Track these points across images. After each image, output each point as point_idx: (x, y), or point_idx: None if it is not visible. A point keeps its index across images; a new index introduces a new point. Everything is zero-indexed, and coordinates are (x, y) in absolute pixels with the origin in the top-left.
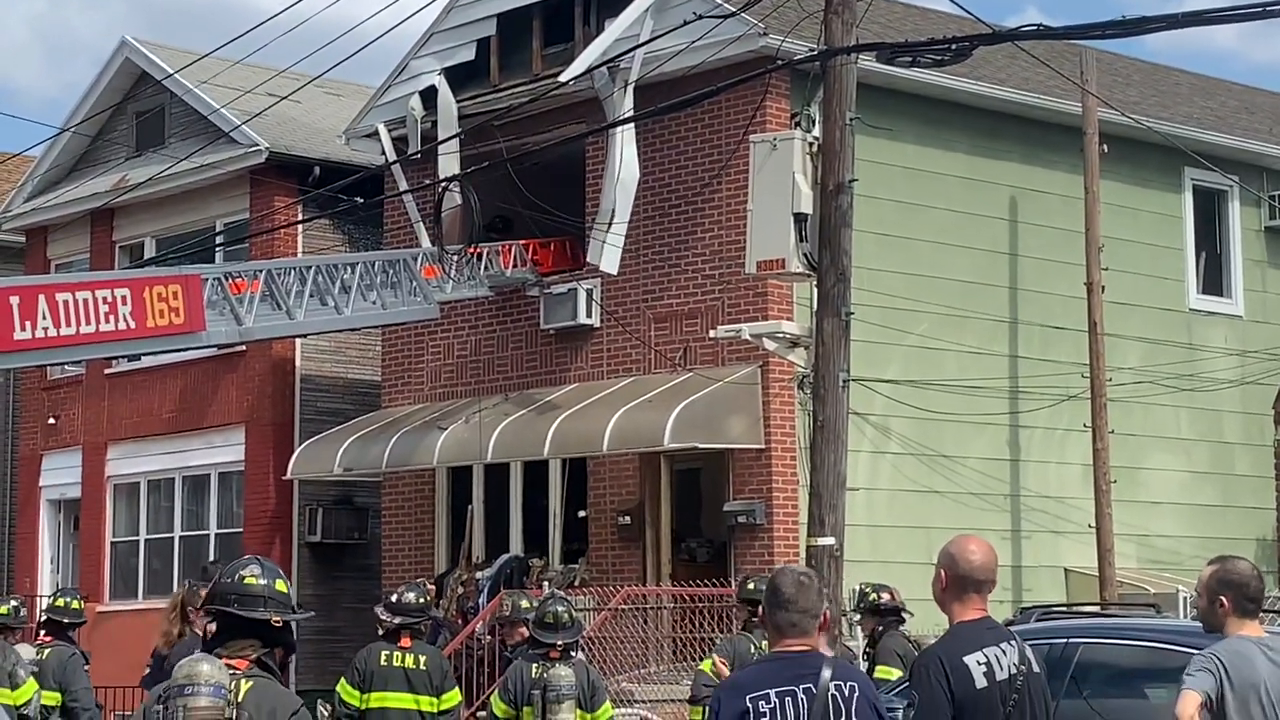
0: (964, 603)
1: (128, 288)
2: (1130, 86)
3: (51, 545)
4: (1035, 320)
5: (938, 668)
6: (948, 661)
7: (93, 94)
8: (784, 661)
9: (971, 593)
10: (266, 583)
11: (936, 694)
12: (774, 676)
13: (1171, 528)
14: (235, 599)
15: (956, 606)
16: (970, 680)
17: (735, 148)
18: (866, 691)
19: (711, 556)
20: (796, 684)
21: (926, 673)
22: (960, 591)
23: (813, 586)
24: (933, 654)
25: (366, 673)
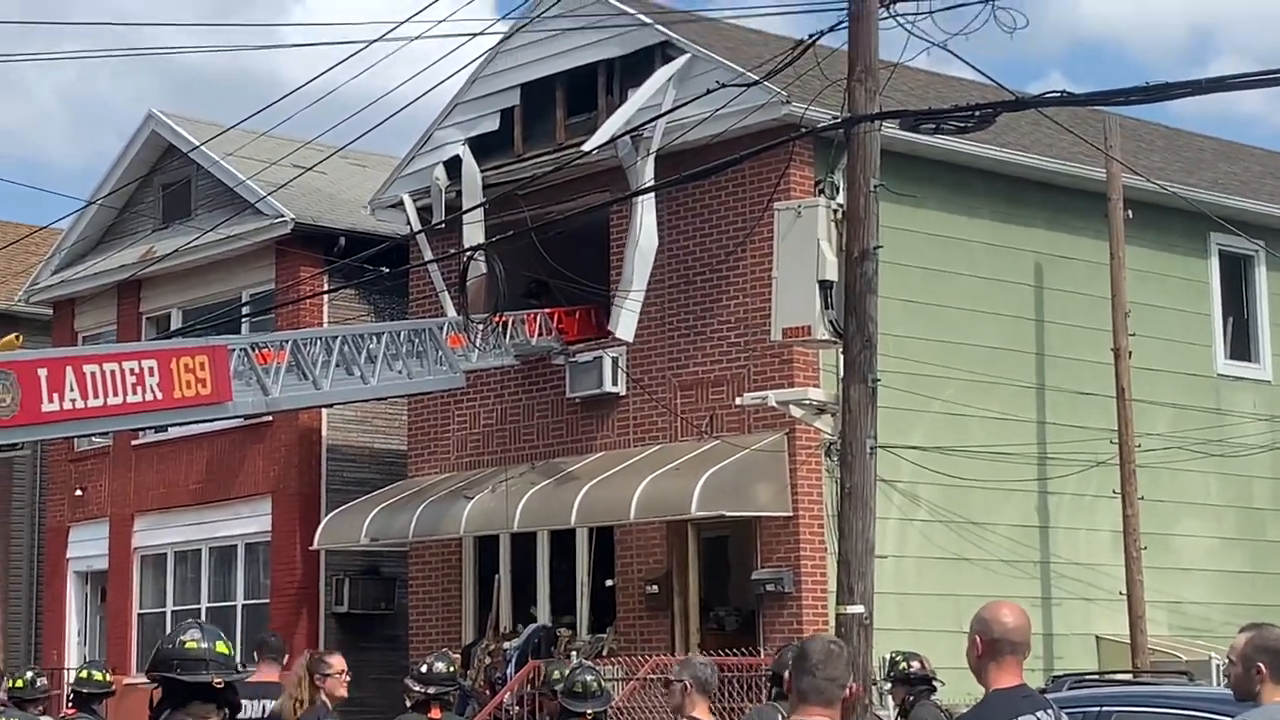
0: (1000, 668)
1: (155, 359)
2: (1154, 152)
3: (79, 617)
4: (1063, 386)
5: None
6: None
7: (119, 166)
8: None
9: (1007, 657)
10: (207, 646)
11: None
12: None
13: (1203, 594)
14: (178, 664)
15: (992, 673)
16: None
17: (759, 215)
18: None
19: (740, 625)
20: None
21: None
22: (995, 657)
23: (842, 656)
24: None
25: None
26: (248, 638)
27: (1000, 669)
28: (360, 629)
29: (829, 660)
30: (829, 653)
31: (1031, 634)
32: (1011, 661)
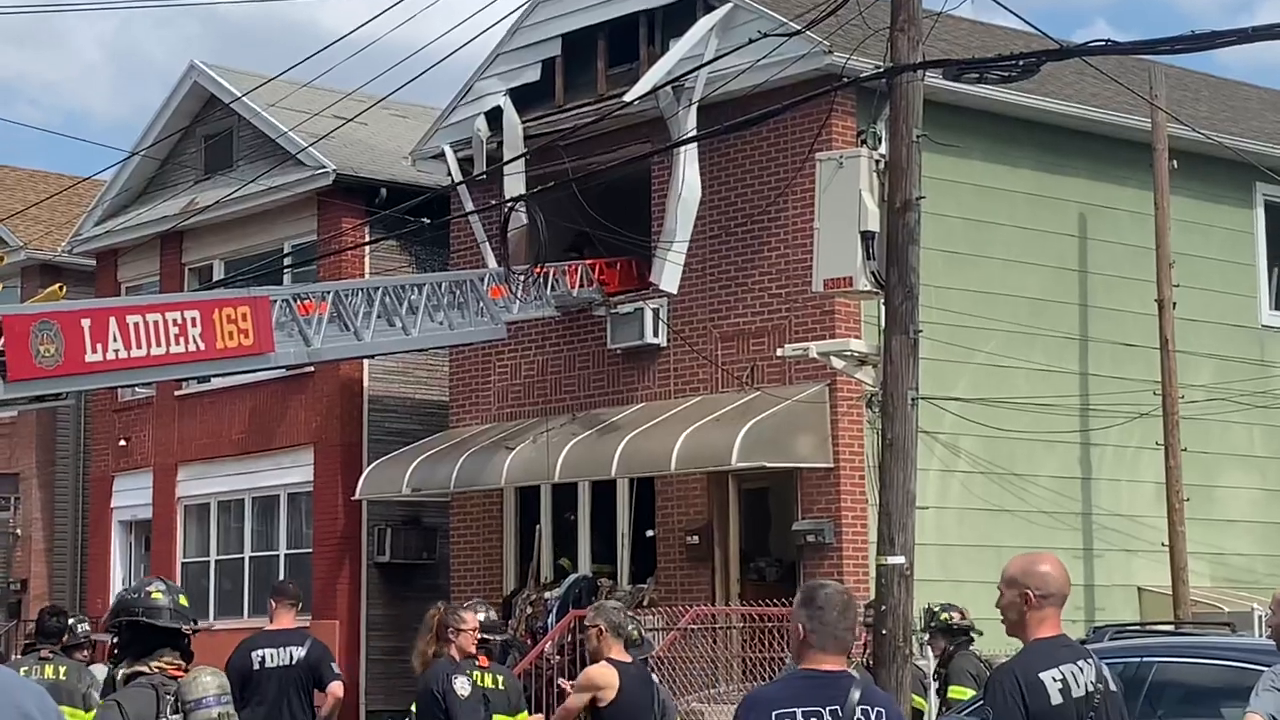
0: (1042, 620)
1: (197, 309)
2: (1199, 101)
3: (123, 566)
4: (1105, 337)
5: (1012, 684)
6: (1023, 677)
7: (161, 118)
8: (813, 680)
9: (1048, 609)
10: (171, 598)
11: (1011, 710)
12: (802, 695)
13: (1246, 546)
14: (143, 612)
15: (1033, 624)
16: (1045, 696)
17: (801, 166)
18: (893, 717)
19: (780, 576)
20: (824, 705)
21: (1001, 689)
22: (1040, 611)
23: (853, 607)
24: (1007, 670)
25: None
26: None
27: (1042, 620)
28: (401, 579)
29: (845, 612)
30: (845, 604)
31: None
32: (1052, 612)
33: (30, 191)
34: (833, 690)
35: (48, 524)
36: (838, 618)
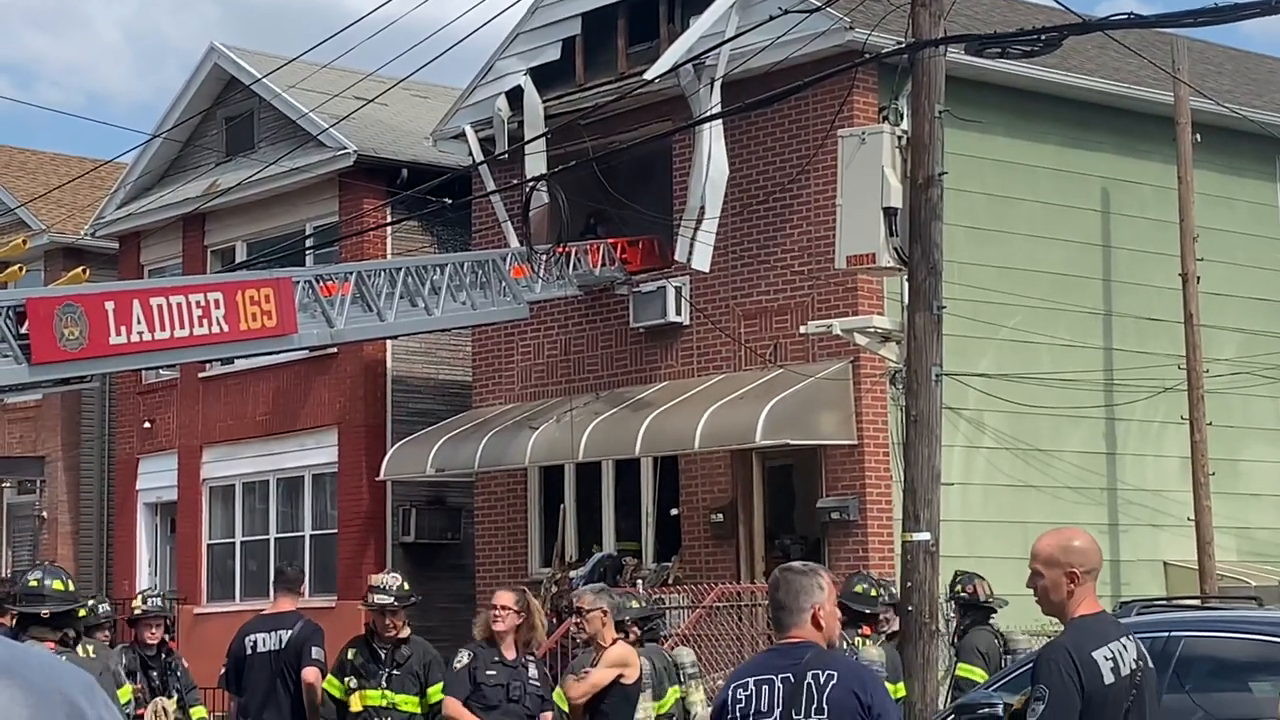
0: (1084, 596)
1: (220, 291)
2: (1223, 75)
3: (149, 548)
4: (1130, 312)
5: (1068, 662)
6: (1077, 656)
7: (182, 100)
8: (775, 652)
9: (1090, 585)
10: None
11: (1068, 688)
12: (761, 665)
13: (1272, 519)
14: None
15: (1077, 601)
16: (1099, 675)
17: (823, 142)
18: (847, 679)
19: (805, 553)
20: (777, 672)
21: (1057, 666)
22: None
23: (794, 582)
24: (1061, 648)
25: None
26: (316, 567)
27: (1084, 597)
28: (426, 559)
29: (779, 588)
30: (780, 580)
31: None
32: (1092, 588)
33: (52, 175)
34: (789, 659)
35: (73, 506)
36: (777, 597)
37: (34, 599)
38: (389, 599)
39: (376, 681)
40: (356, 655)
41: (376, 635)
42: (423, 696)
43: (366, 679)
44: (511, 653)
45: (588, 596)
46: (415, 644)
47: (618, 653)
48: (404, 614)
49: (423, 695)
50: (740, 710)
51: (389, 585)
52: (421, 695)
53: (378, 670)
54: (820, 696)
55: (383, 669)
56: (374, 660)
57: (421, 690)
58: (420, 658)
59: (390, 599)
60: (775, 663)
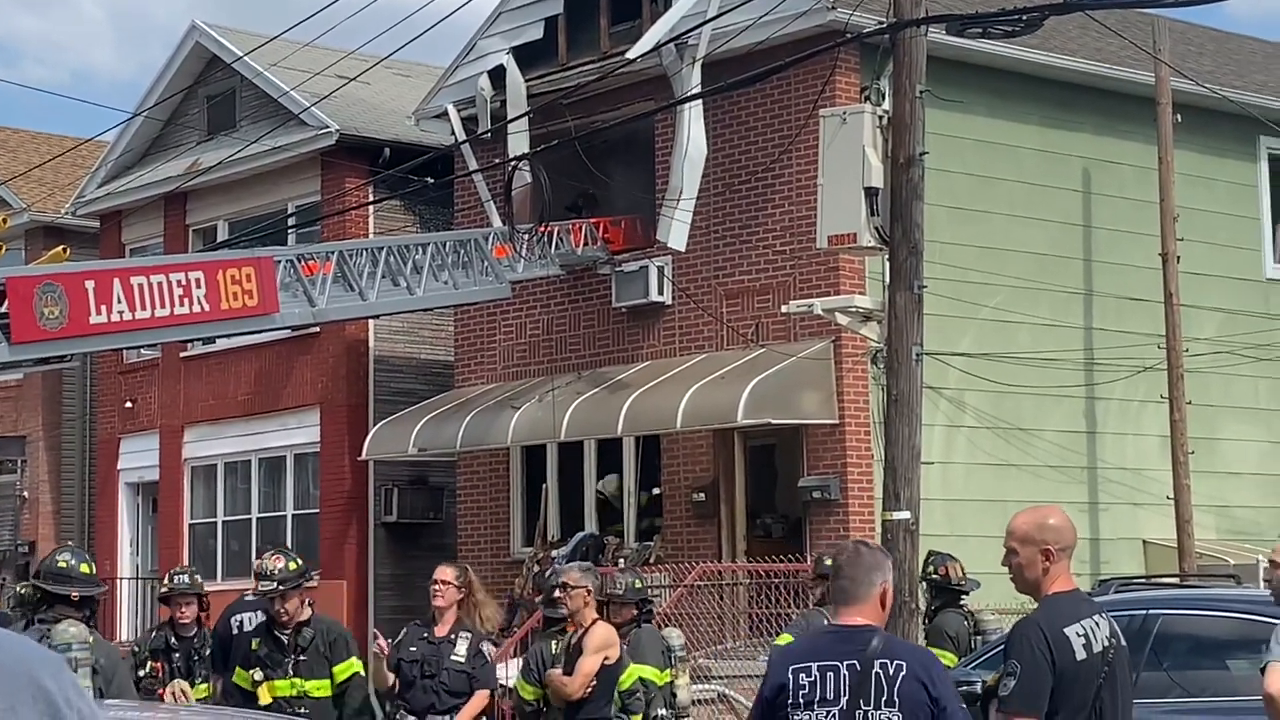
0: (1058, 574)
1: (202, 270)
2: (1203, 56)
3: (131, 528)
4: (1110, 291)
5: (1039, 638)
6: (1049, 632)
7: (164, 78)
8: (835, 635)
9: (1065, 563)
10: (74, 564)
11: (1039, 664)
12: (822, 649)
13: (1251, 498)
14: (48, 577)
15: (1051, 578)
16: (1071, 652)
17: (805, 122)
18: (916, 670)
19: (787, 532)
20: (841, 659)
21: (1028, 643)
22: (1057, 564)
23: (865, 557)
24: (1033, 624)
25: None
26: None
27: (1058, 574)
28: (409, 538)
29: (850, 561)
30: (853, 553)
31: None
32: (1066, 566)
33: (33, 153)
34: (853, 644)
35: (55, 486)
36: (845, 570)
37: (63, 580)
38: (272, 585)
39: (283, 670)
40: (260, 645)
41: (275, 623)
42: (333, 677)
43: (273, 669)
44: (444, 629)
45: (574, 573)
46: (317, 623)
47: (602, 635)
48: (299, 595)
49: (332, 676)
50: (804, 696)
51: (271, 570)
52: (332, 676)
53: (283, 659)
54: (891, 689)
55: (287, 657)
56: (278, 649)
57: (330, 671)
58: (324, 636)
59: (274, 584)
60: (839, 648)
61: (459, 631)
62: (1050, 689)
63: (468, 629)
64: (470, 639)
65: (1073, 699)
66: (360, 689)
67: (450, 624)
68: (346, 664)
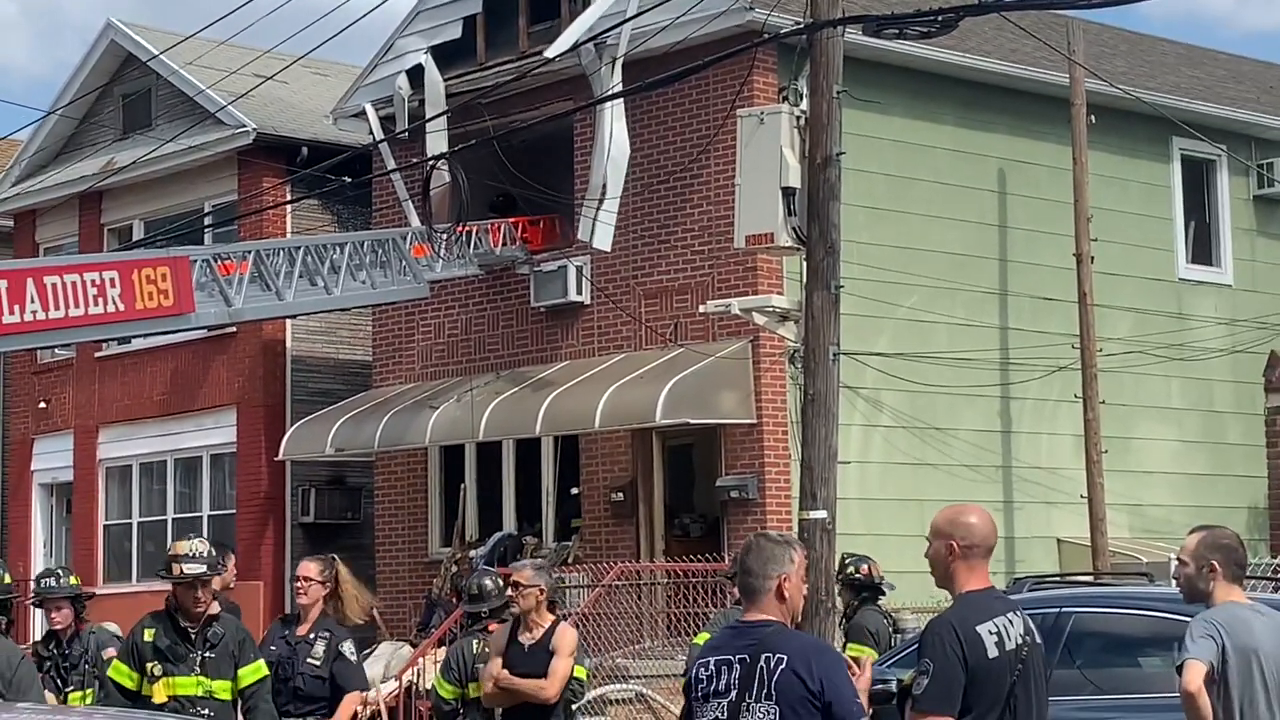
0: (971, 571)
1: (116, 270)
2: (1117, 57)
3: (45, 529)
4: (1025, 291)
5: (951, 636)
6: (961, 630)
7: (79, 76)
8: (734, 630)
9: (979, 560)
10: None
11: (951, 662)
12: (722, 644)
13: (1163, 497)
14: None
15: (963, 575)
16: (983, 650)
17: (723, 122)
18: (795, 663)
19: (705, 532)
20: (735, 653)
21: (940, 641)
22: (967, 560)
23: (764, 550)
24: (945, 622)
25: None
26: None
27: (971, 572)
28: (326, 539)
29: (749, 554)
30: (752, 546)
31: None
32: (982, 564)
33: None
34: (746, 639)
35: None
36: (745, 565)
37: None
38: (201, 567)
39: (189, 667)
40: (158, 637)
41: (183, 612)
42: (236, 680)
43: (176, 664)
44: (305, 628)
45: (527, 572)
46: (226, 621)
47: (573, 637)
48: (211, 587)
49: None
50: (702, 690)
51: (200, 552)
52: (234, 679)
53: (189, 653)
54: (770, 682)
55: (195, 651)
56: (183, 641)
57: (234, 673)
58: (234, 635)
59: (203, 567)
60: (734, 642)
61: (319, 631)
62: (963, 687)
63: (328, 628)
64: (329, 639)
65: (985, 696)
66: (267, 694)
67: (312, 622)
68: (254, 666)
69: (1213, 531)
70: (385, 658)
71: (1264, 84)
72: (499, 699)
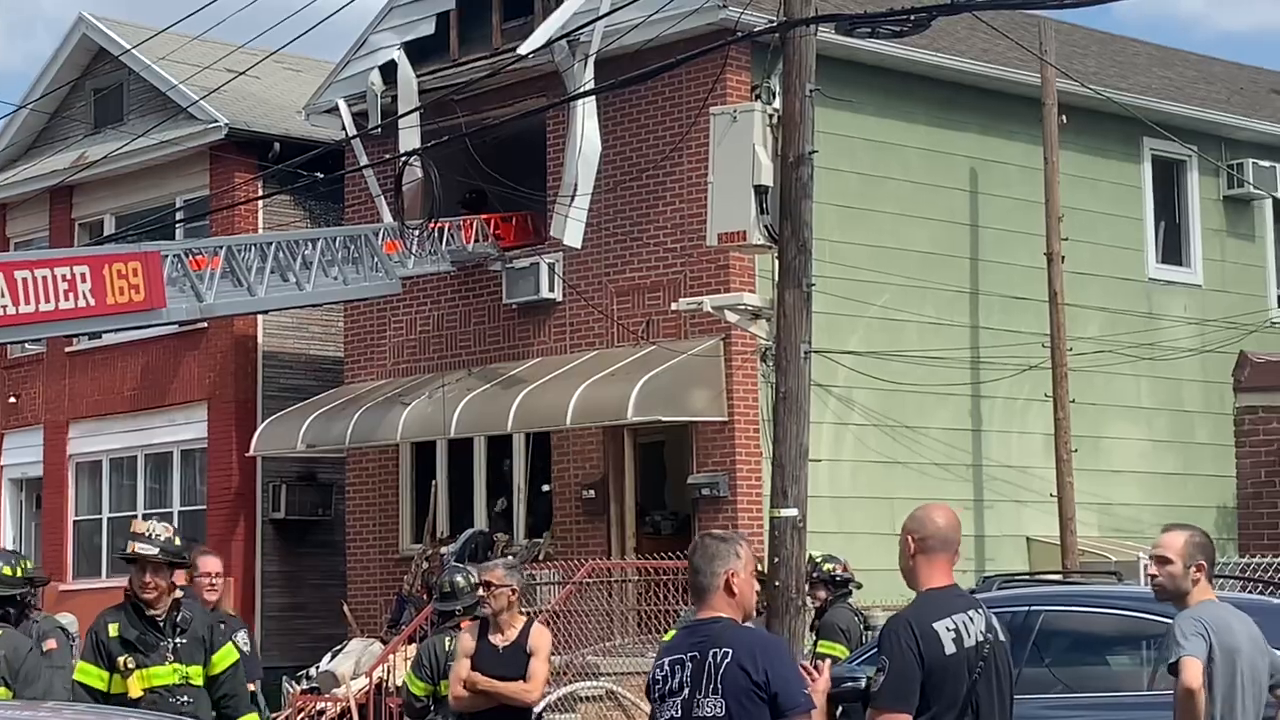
0: (932, 568)
1: (87, 265)
2: (1089, 57)
3: (14, 524)
4: (996, 291)
5: (908, 634)
6: (918, 627)
7: (50, 70)
8: (688, 629)
9: (939, 556)
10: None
11: (907, 660)
12: (677, 644)
13: (1133, 496)
14: None
15: (924, 572)
16: (940, 646)
17: (695, 120)
18: (740, 656)
19: (676, 529)
20: (687, 651)
21: (897, 638)
22: (927, 555)
23: (709, 548)
24: (902, 620)
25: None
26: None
27: (932, 568)
28: (297, 535)
29: (694, 553)
30: (698, 545)
31: (961, 535)
32: (943, 561)
33: None
34: (698, 636)
35: None
36: (693, 564)
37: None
38: (152, 550)
39: (161, 655)
40: (124, 629)
41: (144, 601)
42: (206, 666)
43: (148, 654)
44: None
45: (499, 571)
46: (191, 605)
47: (549, 637)
48: (167, 574)
49: (206, 664)
50: (659, 690)
51: (156, 534)
52: (206, 665)
53: (159, 641)
54: (716, 676)
55: (166, 639)
56: (153, 630)
57: (207, 659)
58: (203, 619)
59: (155, 550)
60: (687, 641)
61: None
62: (920, 684)
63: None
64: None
65: (944, 694)
66: (243, 679)
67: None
68: (226, 650)
69: (1195, 530)
70: (356, 654)
71: (1234, 85)
72: (471, 702)
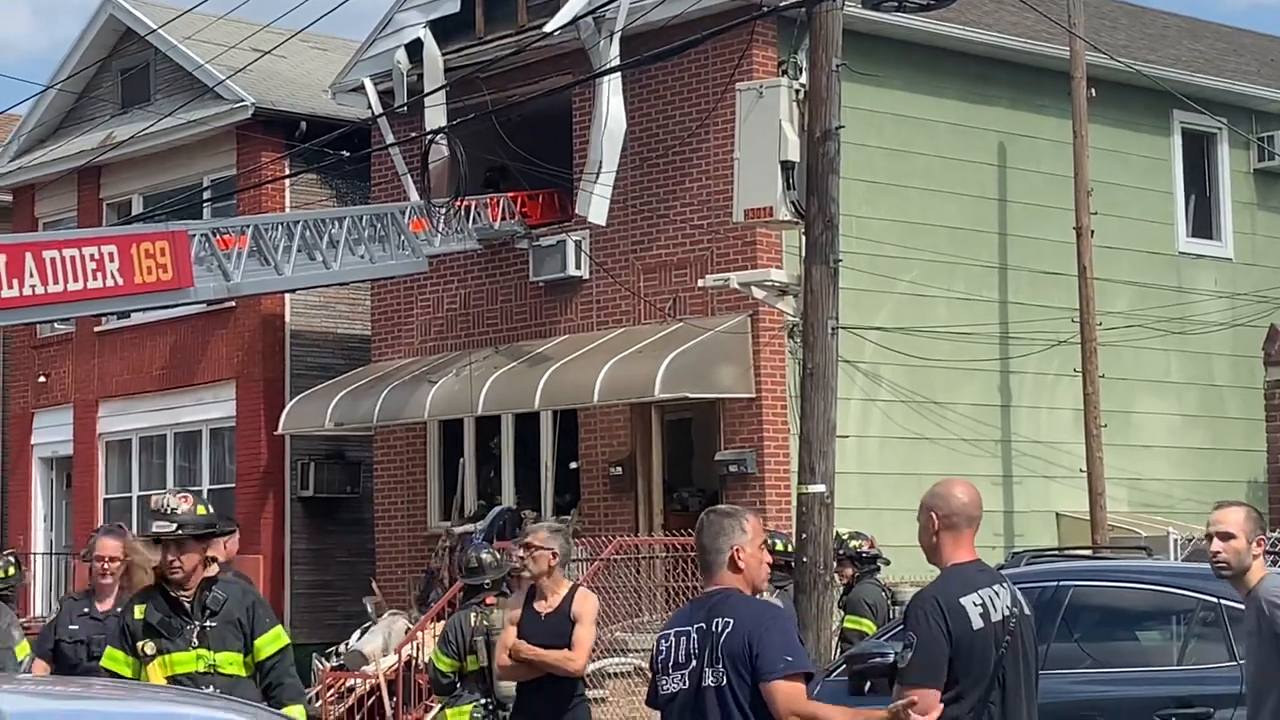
0: (956, 544)
1: (115, 244)
2: (1118, 30)
3: (45, 503)
4: (1025, 265)
5: (935, 609)
6: (945, 603)
7: (77, 51)
8: (693, 603)
9: (963, 532)
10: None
11: (935, 635)
12: (681, 617)
13: (1163, 471)
14: None
15: (948, 548)
16: (967, 622)
17: (721, 96)
18: (744, 625)
19: (703, 506)
20: (691, 624)
21: (924, 614)
22: (951, 532)
23: (713, 524)
24: (929, 596)
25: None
26: None
27: (957, 544)
28: (325, 513)
29: (701, 530)
30: (704, 522)
31: (983, 510)
32: (966, 536)
33: None
34: (703, 609)
35: None
36: (700, 541)
37: None
38: (170, 526)
39: (185, 641)
40: (149, 613)
41: (170, 581)
42: (248, 653)
43: (171, 639)
44: (109, 603)
45: (541, 533)
46: (229, 586)
47: (595, 602)
48: (201, 548)
49: (248, 651)
50: (661, 662)
51: (170, 507)
52: (247, 651)
53: (185, 625)
54: (718, 646)
55: (191, 622)
56: (177, 613)
57: (247, 644)
58: (240, 600)
59: (172, 526)
60: (692, 614)
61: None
62: (948, 659)
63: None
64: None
65: (972, 668)
66: (292, 665)
67: (115, 597)
68: (273, 634)
69: (1249, 506)
70: (383, 632)
71: (1265, 57)
72: (516, 672)
